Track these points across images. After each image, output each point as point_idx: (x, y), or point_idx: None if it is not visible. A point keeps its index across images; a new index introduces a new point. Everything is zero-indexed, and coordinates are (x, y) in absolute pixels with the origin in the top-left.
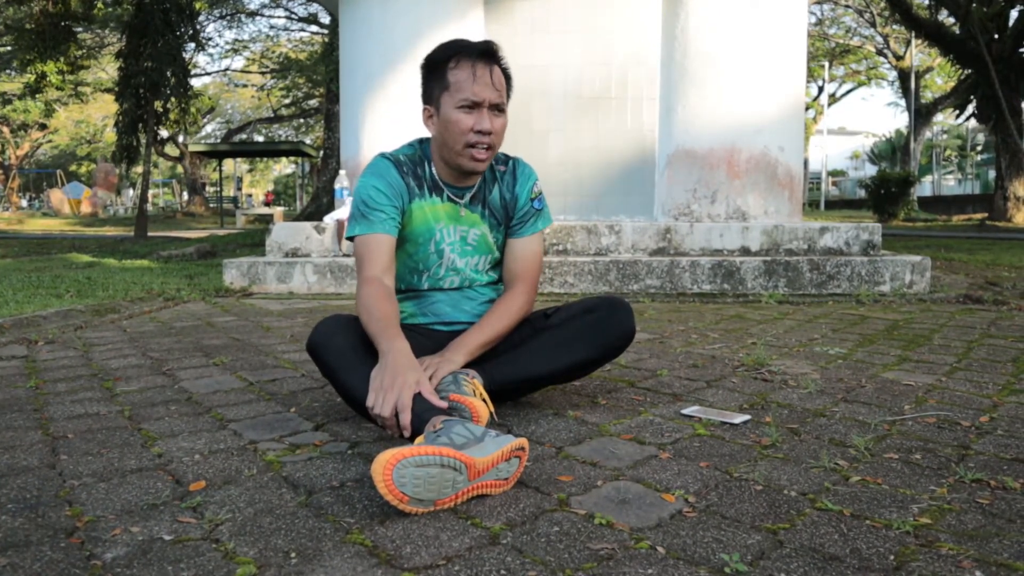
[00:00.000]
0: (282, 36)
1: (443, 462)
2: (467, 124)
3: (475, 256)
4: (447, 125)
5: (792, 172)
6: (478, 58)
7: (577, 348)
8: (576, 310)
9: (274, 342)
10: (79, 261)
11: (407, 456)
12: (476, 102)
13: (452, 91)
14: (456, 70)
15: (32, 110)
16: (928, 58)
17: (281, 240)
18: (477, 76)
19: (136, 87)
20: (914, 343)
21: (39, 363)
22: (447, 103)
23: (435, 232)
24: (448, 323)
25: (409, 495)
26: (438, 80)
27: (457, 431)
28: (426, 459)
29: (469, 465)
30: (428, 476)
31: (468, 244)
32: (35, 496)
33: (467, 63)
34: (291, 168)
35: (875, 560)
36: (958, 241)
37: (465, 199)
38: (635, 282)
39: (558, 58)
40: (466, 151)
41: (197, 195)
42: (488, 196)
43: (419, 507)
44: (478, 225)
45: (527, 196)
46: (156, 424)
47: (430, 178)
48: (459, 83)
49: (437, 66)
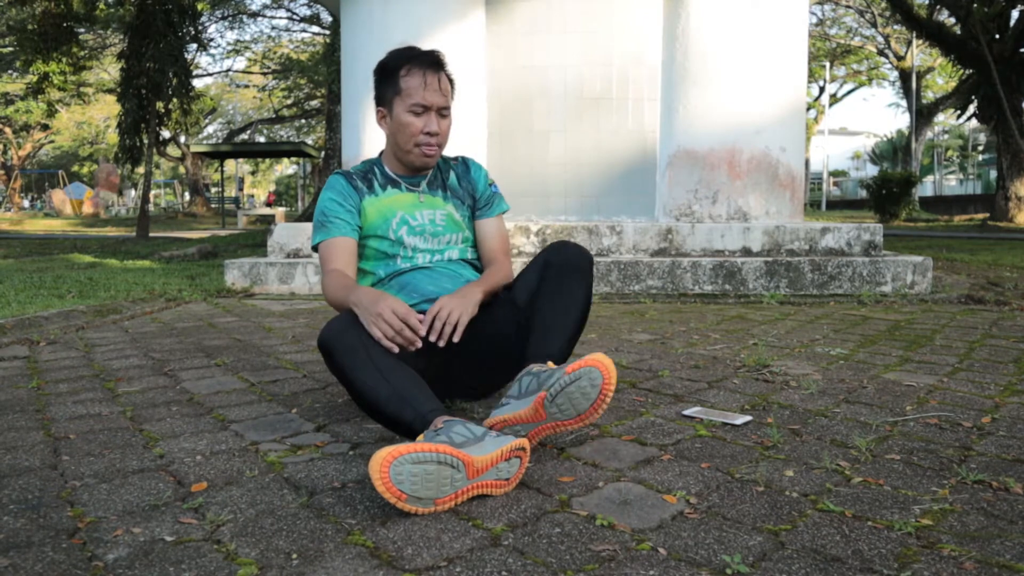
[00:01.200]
0: (284, 37)
1: (440, 459)
2: (418, 126)
3: (447, 234)
4: (399, 127)
5: (793, 172)
6: (428, 67)
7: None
8: (530, 269)
9: (276, 343)
10: (81, 262)
11: (403, 453)
12: (426, 106)
13: (404, 96)
14: (408, 77)
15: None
16: (929, 58)
17: (283, 241)
18: (427, 83)
19: (138, 88)
20: (916, 344)
21: (41, 364)
22: (399, 106)
23: (395, 215)
24: (432, 300)
25: (407, 493)
26: (391, 85)
27: (457, 430)
28: (423, 456)
29: (467, 463)
30: (425, 473)
31: (437, 225)
32: (37, 497)
33: (418, 71)
34: (293, 169)
35: (877, 561)
36: (960, 241)
37: (422, 186)
38: (636, 283)
39: (559, 58)
40: (416, 149)
41: (199, 196)
42: (446, 181)
43: (418, 506)
44: (441, 206)
45: (484, 181)
46: (158, 425)
47: (383, 176)
48: (410, 89)
49: (390, 72)
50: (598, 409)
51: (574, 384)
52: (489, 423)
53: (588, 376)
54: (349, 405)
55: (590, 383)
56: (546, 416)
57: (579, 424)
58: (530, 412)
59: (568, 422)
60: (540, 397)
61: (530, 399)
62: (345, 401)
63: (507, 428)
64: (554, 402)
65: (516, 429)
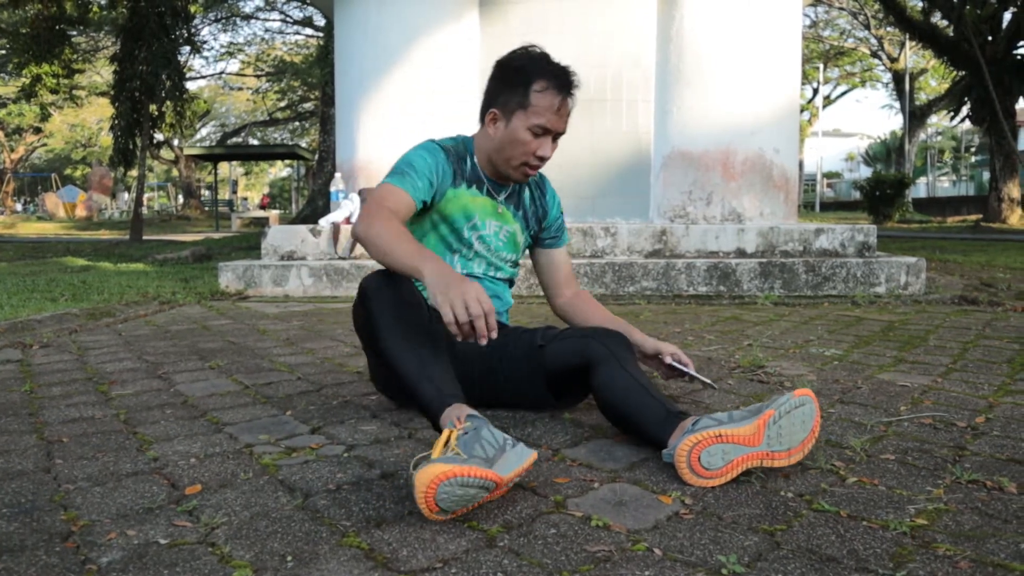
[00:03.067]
0: (277, 39)
1: (483, 484)
2: (533, 147)
3: (504, 252)
4: (513, 140)
5: (787, 174)
6: (564, 90)
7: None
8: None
9: (270, 345)
10: (74, 265)
11: (454, 476)
12: (548, 130)
13: (530, 113)
14: (541, 94)
15: (27, 113)
16: (922, 60)
17: (276, 243)
18: (560, 109)
19: (131, 90)
20: (910, 344)
21: (34, 367)
22: (520, 119)
23: (474, 217)
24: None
25: (442, 508)
26: (518, 93)
27: (485, 437)
28: (472, 480)
29: (498, 483)
30: (466, 495)
31: (500, 239)
32: (30, 500)
33: (554, 92)
34: (286, 171)
35: (872, 561)
36: (953, 242)
37: (502, 196)
38: (631, 284)
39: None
40: (520, 168)
41: (192, 198)
42: (522, 196)
43: (442, 516)
44: (511, 223)
45: (558, 210)
46: (151, 428)
47: (471, 171)
48: (540, 109)
49: (522, 80)
50: (807, 445)
51: (799, 409)
52: (695, 438)
53: (809, 406)
54: (344, 407)
55: (810, 413)
56: (762, 441)
57: (786, 460)
58: (750, 431)
59: (779, 454)
60: (767, 416)
61: (752, 419)
62: (340, 403)
63: (715, 446)
64: (777, 423)
65: (725, 449)
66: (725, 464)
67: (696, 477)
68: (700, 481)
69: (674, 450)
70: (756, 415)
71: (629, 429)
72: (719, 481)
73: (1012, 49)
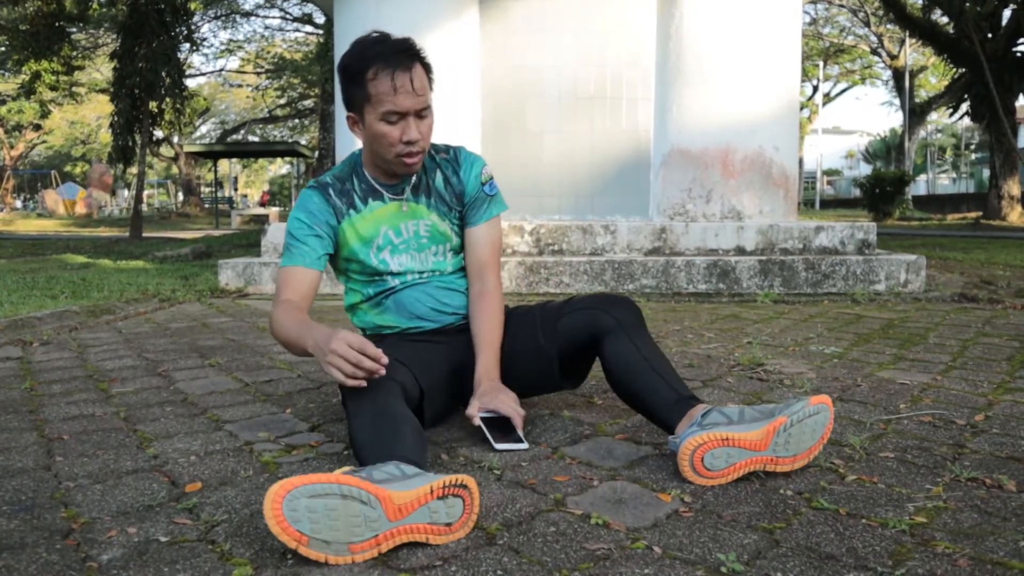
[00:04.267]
0: (277, 36)
1: (344, 492)
2: (395, 136)
3: (432, 245)
4: (374, 136)
5: (787, 171)
6: (396, 66)
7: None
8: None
9: (270, 343)
10: (74, 262)
11: (298, 485)
12: (400, 113)
13: (374, 103)
14: (375, 81)
15: (27, 110)
16: (922, 57)
17: (277, 240)
18: (398, 88)
19: (131, 87)
20: (909, 342)
21: (34, 364)
22: (371, 114)
23: (377, 236)
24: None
25: (307, 534)
26: (358, 89)
27: (385, 468)
28: (320, 488)
29: (383, 499)
30: (327, 510)
31: (422, 237)
32: (30, 498)
33: (386, 73)
34: (286, 168)
35: (871, 559)
36: (953, 240)
37: (406, 193)
38: (631, 282)
39: (553, 58)
40: (397, 159)
41: (192, 196)
42: (432, 183)
43: (327, 552)
44: (424, 215)
45: (476, 182)
46: (152, 425)
47: (364, 186)
48: (380, 96)
49: (354, 75)
50: (813, 452)
51: (812, 418)
52: (700, 439)
53: (824, 414)
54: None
55: (823, 422)
56: (768, 447)
57: (789, 466)
58: (758, 436)
59: (783, 460)
60: (778, 423)
61: (762, 423)
62: (339, 401)
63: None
64: (787, 431)
65: (730, 453)
66: (728, 466)
67: (696, 476)
68: (700, 480)
69: (679, 444)
70: (767, 419)
71: (637, 408)
72: (719, 482)
73: (1012, 46)
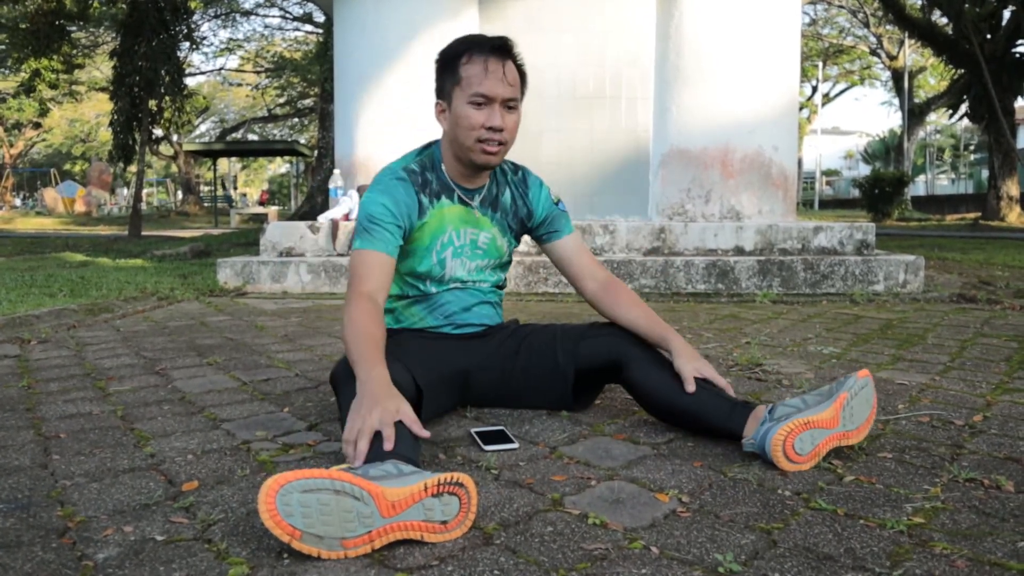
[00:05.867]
0: (277, 35)
1: (337, 487)
2: (478, 120)
3: (484, 259)
4: (458, 120)
5: (786, 171)
6: (491, 53)
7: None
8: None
9: (268, 342)
10: (73, 260)
11: (292, 480)
12: (488, 97)
13: (464, 86)
14: (468, 65)
15: (26, 108)
16: (921, 58)
17: (275, 239)
18: (489, 71)
19: (131, 86)
20: (908, 342)
21: (32, 362)
22: (459, 98)
23: (444, 232)
24: (458, 325)
25: (300, 529)
26: (451, 75)
27: (384, 467)
28: (314, 483)
29: (375, 495)
30: (320, 504)
31: (478, 248)
32: (27, 496)
33: (479, 58)
34: (286, 167)
35: (869, 559)
36: (951, 240)
37: (476, 201)
38: (630, 282)
39: (552, 58)
40: (477, 146)
41: (191, 194)
42: (500, 198)
43: (320, 547)
44: (488, 228)
45: (548, 201)
46: (149, 424)
47: (439, 181)
48: (471, 78)
49: (450, 61)
50: (870, 421)
51: (864, 390)
52: (787, 428)
53: (870, 386)
54: None
55: (870, 393)
56: (839, 423)
57: (856, 437)
58: (830, 414)
59: (851, 433)
60: (842, 399)
61: (828, 403)
62: (336, 401)
63: (804, 433)
64: (850, 404)
65: (813, 435)
66: (813, 448)
67: (790, 463)
68: (793, 466)
69: (767, 440)
70: (830, 398)
71: (685, 425)
72: (809, 464)
73: (1011, 47)
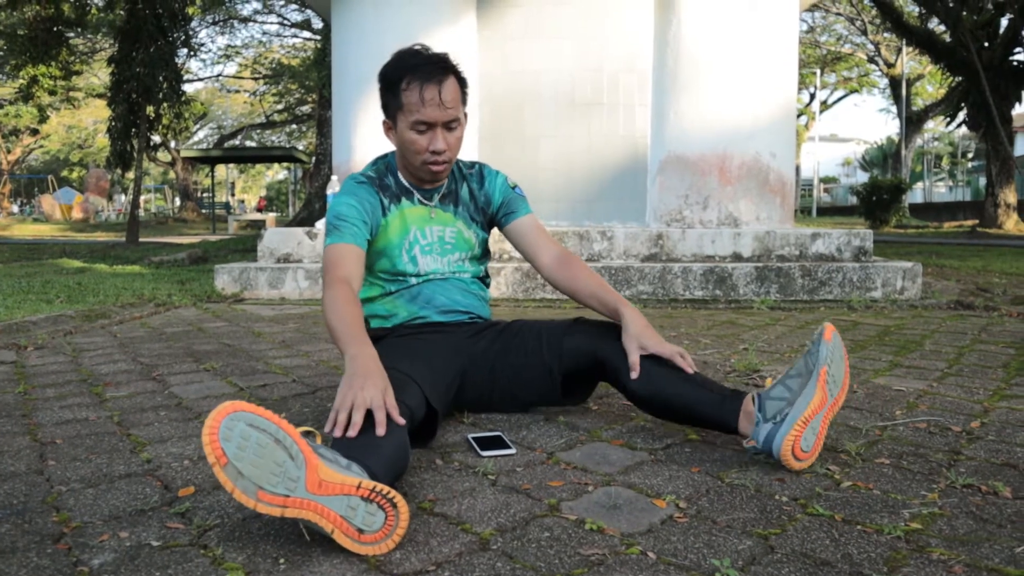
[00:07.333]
0: (275, 42)
1: (279, 437)
2: (422, 144)
3: (455, 252)
4: (404, 143)
5: (784, 178)
6: (427, 80)
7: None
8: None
9: (265, 348)
10: (70, 266)
11: (245, 410)
12: (429, 123)
13: (405, 112)
14: (407, 92)
15: (24, 115)
16: (919, 66)
17: (273, 246)
18: (427, 100)
19: (128, 92)
20: (905, 349)
21: (28, 368)
22: (402, 122)
23: (410, 232)
24: (445, 311)
25: (229, 458)
26: (393, 98)
27: (338, 457)
28: (263, 423)
29: (310, 465)
30: (258, 445)
31: (447, 243)
32: (22, 502)
33: (416, 86)
34: (283, 174)
35: (866, 565)
36: (949, 247)
37: (435, 200)
38: (627, 288)
39: (550, 63)
40: (424, 166)
41: (189, 201)
42: (459, 192)
43: (236, 484)
44: (451, 223)
45: (504, 187)
46: (145, 430)
47: (398, 185)
48: (410, 105)
49: (391, 84)
50: (847, 375)
51: (836, 350)
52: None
53: (837, 339)
54: None
55: (840, 347)
56: (828, 399)
57: (843, 398)
58: (819, 396)
59: (838, 398)
60: (823, 374)
61: (812, 384)
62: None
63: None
64: (831, 374)
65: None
66: (816, 436)
67: (798, 462)
68: (800, 464)
69: (775, 445)
70: (812, 377)
71: (676, 418)
72: (814, 457)
73: (1009, 55)
